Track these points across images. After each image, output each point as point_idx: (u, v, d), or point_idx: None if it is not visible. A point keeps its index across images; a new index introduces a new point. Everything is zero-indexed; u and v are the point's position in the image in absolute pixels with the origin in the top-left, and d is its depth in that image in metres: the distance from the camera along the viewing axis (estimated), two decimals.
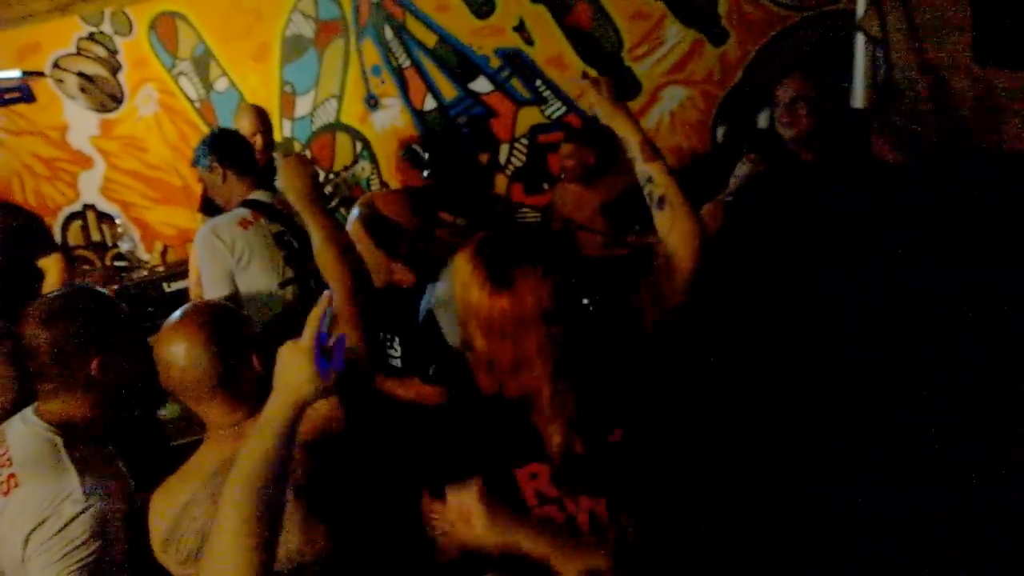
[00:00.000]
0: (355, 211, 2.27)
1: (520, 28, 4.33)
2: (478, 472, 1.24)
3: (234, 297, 2.69)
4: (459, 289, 1.34)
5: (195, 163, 2.89)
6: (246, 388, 1.44)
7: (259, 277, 2.72)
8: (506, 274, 1.28)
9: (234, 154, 2.89)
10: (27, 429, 1.48)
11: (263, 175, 3.02)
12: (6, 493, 1.38)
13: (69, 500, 1.35)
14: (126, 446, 1.59)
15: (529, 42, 4.34)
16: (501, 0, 4.29)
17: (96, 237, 5.10)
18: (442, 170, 4.22)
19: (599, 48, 4.29)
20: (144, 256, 5.00)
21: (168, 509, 1.39)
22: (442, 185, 4.24)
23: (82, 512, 1.35)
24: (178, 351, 1.39)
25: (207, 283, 2.74)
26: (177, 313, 1.45)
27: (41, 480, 1.38)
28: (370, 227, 2.17)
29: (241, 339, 1.46)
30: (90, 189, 5.01)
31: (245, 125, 3.64)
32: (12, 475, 1.39)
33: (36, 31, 4.68)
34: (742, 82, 4.16)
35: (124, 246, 4.88)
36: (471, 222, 4.18)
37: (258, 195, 2.88)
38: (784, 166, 2.82)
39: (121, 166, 4.94)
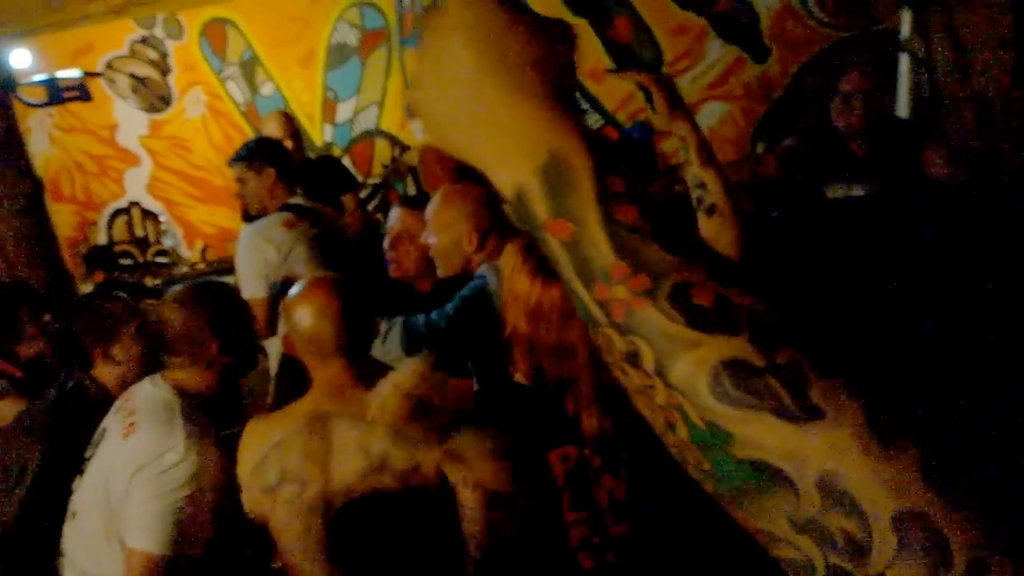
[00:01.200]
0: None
1: None
2: (513, 453, 1.35)
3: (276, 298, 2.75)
4: (507, 277, 1.41)
5: (239, 160, 2.94)
6: (359, 354, 1.62)
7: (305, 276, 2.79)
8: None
9: (279, 159, 2.96)
10: (153, 389, 1.72)
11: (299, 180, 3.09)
12: (126, 436, 1.62)
13: (172, 451, 1.56)
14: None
15: None
16: (542, 11, 4.32)
17: (140, 233, 5.23)
18: None
19: (639, 61, 4.31)
20: (185, 253, 5.12)
21: (260, 444, 1.57)
22: None
23: (180, 462, 1.55)
24: (309, 313, 1.57)
25: (244, 282, 2.80)
26: (306, 281, 1.64)
27: (154, 430, 1.60)
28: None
29: (362, 310, 1.64)
30: (136, 187, 5.15)
31: (274, 130, 3.69)
32: (133, 423, 1.63)
33: (90, 33, 4.83)
34: (783, 99, 4.15)
35: (167, 243, 5.00)
36: None
37: (298, 200, 2.94)
38: (832, 153, 2.92)
39: (167, 165, 5.07)
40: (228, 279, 2.73)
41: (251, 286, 2.76)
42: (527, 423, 1.42)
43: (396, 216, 2.48)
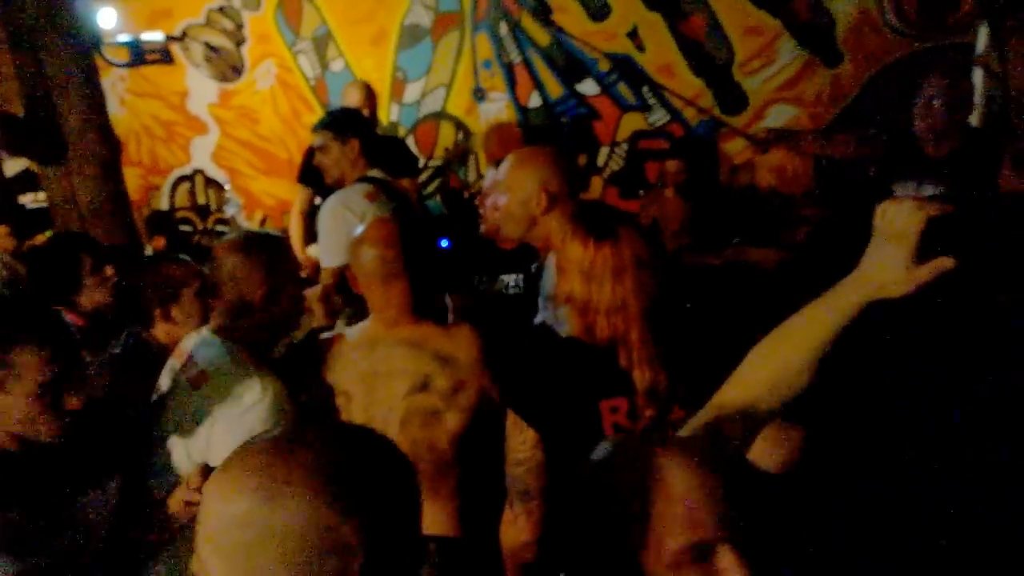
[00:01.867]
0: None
1: (633, 34, 4.41)
2: (566, 401, 1.46)
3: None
4: (560, 248, 1.54)
5: (325, 128, 2.99)
6: (419, 284, 1.76)
7: None
8: (605, 227, 1.49)
9: (364, 131, 3.01)
10: (206, 340, 1.75)
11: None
12: (197, 387, 1.65)
13: (250, 391, 1.60)
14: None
15: (641, 48, 4.41)
16: (617, 5, 4.38)
17: (201, 201, 5.33)
18: None
19: (710, 60, 4.34)
20: (244, 223, 5.21)
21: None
22: None
23: (259, 401, 1.59)
24: (374, 240, 1.76)
25: (325, 251, 2.85)
26: (369, 223, 1.87)
27: (226, 376, 1.64)
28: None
29: (421, 243, 1.83)
30: (202, 154, 5.25)
31: (354, 99, 3.75)
32: (203, 371, 1.66)
33: None
34: (853, 105, 4.16)
35: (228, 211, 5.10)
36: None
37: (375, 173, 2.99)
38: (910, 154, 3.01)
39: (234, 135, 5.16)
40: None
41: (331, 253, 2.82)
42: (580, 374, 1.51)
43: (490, 175, 2.56)
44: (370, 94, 3.85)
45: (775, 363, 1.15)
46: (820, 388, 1.15)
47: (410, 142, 4.87)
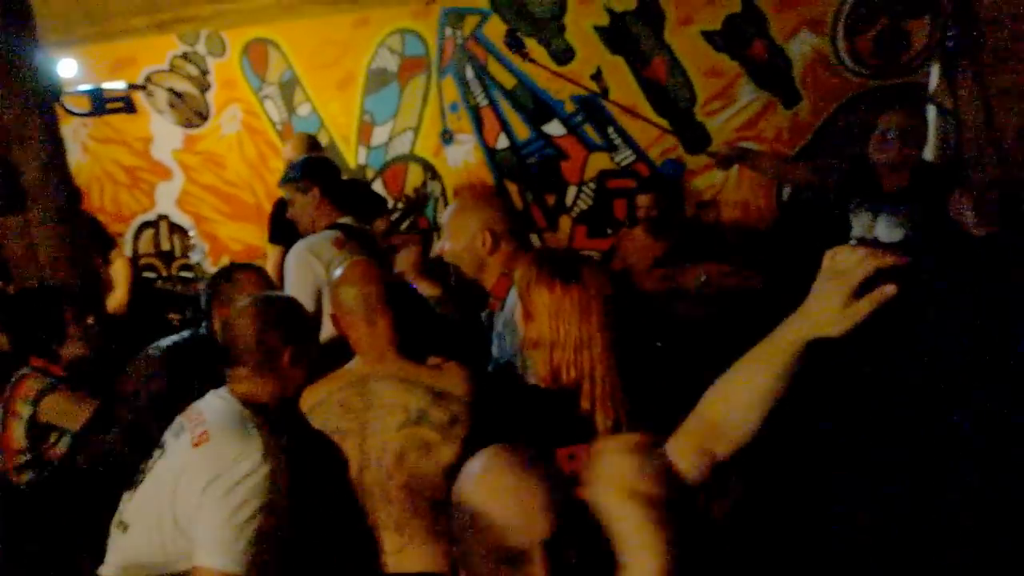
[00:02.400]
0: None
1: (597, 76, 4.48)
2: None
3: (316, 317, 2.76)
4: (525, 293, 1.58)
5: (286, 182, 2.99)
6: (398, 323, 1.80)
7: None
8: (569, 269, 1.55)
9: (326, 178, 2.98)
10: (221, 401, 1.73)
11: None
12: (197, 444, 1.60)
13: (248, 459, 1.55)
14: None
15: (605, 91, 4.48)
16: (581, 48, 4.46)
17: (166, 247, 5.26)
18: None
19: (673, 101, 4.42)
20: (210, 269, 5.14)
21: (305, 404, 1.78)
22: None
23: (255, 471, 1.54)
24: (353, 280, 1.81)
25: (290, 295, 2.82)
26: (345, 264, 1.88)
27: (228, 439, 1.59)
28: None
29: (398, 288, 1.89)
30: (166, 200, 5.20)
31: (288, 155, 3.69)
32: (205, 431, 1.62)
33: (133, 46, 4.93)
34: (811, 144, 4.25)
35: (194, 257, 5.03)
36: None
37: (346, 220, 2.98)
38: (866, 185, 3.12)
39: (199, 180, 5.13)
40: None
41: (300, 300, 2.78)
42: (540, 422, 1.54)
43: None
44: (309, 143, 3.78)
45: (723, 407, 1.16)
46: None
47: (379, 184, 4.88)
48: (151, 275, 5.36)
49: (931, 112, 3.91)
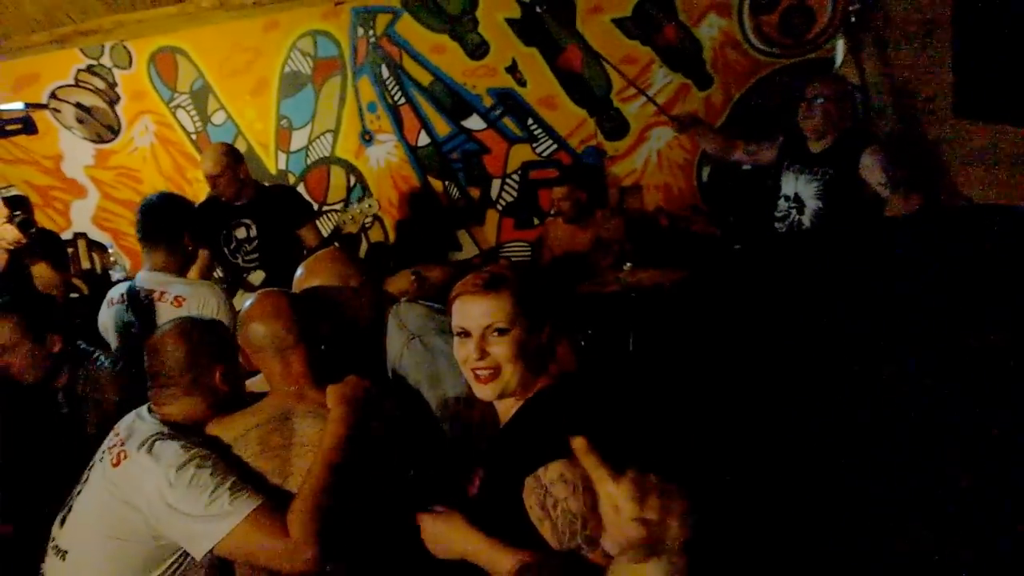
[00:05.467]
0: None
1: (513, 69, 4.48)
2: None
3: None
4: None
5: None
6: (312, 356, 1.76)
7: None
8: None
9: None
10: (142, 422, 1.74)
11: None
12: (116, 465, 1.63)
13: (171, 450, 1.60)
14: None
15: (521, 83, 4.49)
16: (495, 42, 4.45)
17: (86, 265, 5.09)
18: None
19: (589, 89, 4.45)
20: None
21: (222, 437, 1.71)
22: None
23: (188, 462, 1.58)
24: (263, 314, 1.74)
25: None
26: (254, 296, 1.82)
27: (145, 452, 1.61)
28: None
29: (311, 317, 1.81)
30: (82, 218, 5.03)
31: (207, 166, 3.50)
32: (124, 451, 1.64)
33: (35, 62, 4.74)
34: (726, 124, 4.32)
35: (116, 275, 4.88)
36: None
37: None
38: (797, 151, 3.38)
39: (115, 196, 4.98)
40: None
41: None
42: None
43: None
44: (224, 157, 3.49)
45: None
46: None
47: (301, 189, 4.80)
48: (74, 295, 5.18)
49: None
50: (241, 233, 3.59)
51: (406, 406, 1.86)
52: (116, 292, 2.68)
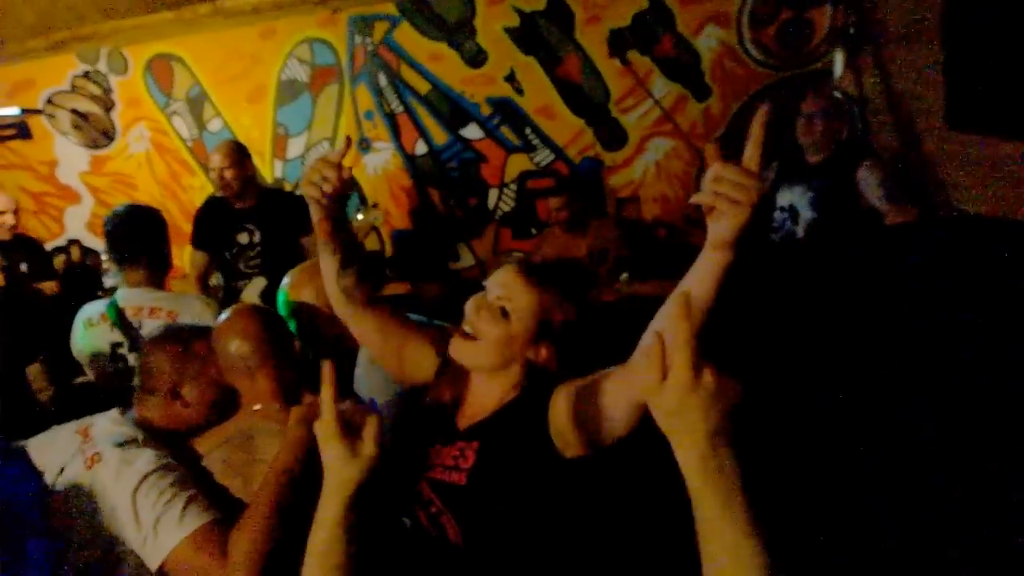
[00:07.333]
0: None
1: (511, 78, 4.46)
2: None
3: None
4: None
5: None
6: (284, 376, 1.77)
7: None
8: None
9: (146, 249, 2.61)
10: (113, 424, 1.71)
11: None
12: (90, 467, 1.60)
13: (140, 460, 1.57)
14: None
15: (519, 92, 4.47)
16: (493, 51, 4.43)
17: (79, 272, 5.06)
18: None
19: (587, 99, 4.43)
20: None
21: (197, 449, 1.71)
22: None
23: (155, 457, 1.57)
24: (235, 331, 1.74)
25: None
26: (228, 311, 1.82)
27: (119, 454, 1.58)
28: None
29: (283, 335, 1.83)
30: (76, 224, 5.01)
31: (215, 161, 3.54)
32: (97, 453, 1.61)
33: (30, 68, 4.72)
34: (725, 135, 4.30)
35: (108, 281, 4.85)
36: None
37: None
38: (795, 165, 3.42)
39: (109, 202, 4.94)
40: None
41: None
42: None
43: None
44: (235, 152, 3.55)
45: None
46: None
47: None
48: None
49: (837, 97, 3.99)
50: (244, 238, 3.57)
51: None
52: (94, 313, 2.46)
